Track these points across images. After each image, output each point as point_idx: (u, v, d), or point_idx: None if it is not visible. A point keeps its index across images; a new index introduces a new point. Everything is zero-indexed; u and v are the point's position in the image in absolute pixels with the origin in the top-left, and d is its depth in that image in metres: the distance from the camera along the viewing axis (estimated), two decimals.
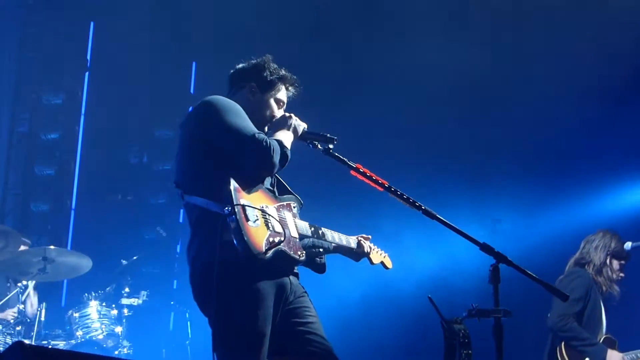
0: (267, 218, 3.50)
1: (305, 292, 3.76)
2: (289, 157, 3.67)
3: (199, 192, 3.57)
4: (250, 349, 3.43)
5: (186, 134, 3.73)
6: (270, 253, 3.39)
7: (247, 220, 3.37)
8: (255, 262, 3.35)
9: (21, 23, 8.89)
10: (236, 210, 3.34)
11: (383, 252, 4.38)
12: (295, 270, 3.74)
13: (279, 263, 3.51)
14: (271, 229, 3.48)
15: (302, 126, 3.85)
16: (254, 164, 3.60)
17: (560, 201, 8.38)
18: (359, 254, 4.18)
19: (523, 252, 7.54)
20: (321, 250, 3.95)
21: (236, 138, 3.57)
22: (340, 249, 4.09)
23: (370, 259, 4.26)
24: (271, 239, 3.44)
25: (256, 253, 3.33)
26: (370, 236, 4.26)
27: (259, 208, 3.50)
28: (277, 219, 3.57)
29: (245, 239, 3.31)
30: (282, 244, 3.47)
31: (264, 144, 3.55)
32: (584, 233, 6.43)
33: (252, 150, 3.55)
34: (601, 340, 5.95)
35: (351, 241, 4.13)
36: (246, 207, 3.40)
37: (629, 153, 8.16)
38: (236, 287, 3.42)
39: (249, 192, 3.53)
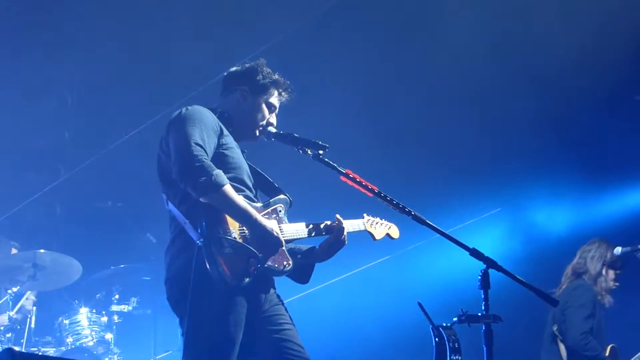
0: (245, 241, 3.40)
1: (281, 300, 3.73)
2: (215, 197, 3.35)
3: (177, 204, 3.53)
4: (219, 353, 3.38)
5: (162, 144, 3.67)
6: (248, 278, 3.32)
7: (222, 248, 3.29)
8: (235, 287, 3.30)
9: (11, 30, 8.85)
10: (210, 241, 3.28)
11: (388, 223, 4.22)
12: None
13: (259, 278, 3.44)
14: (249, 252, 3.36)
15: (268, 239, 3.45)
16: (176, 170, 3.43)
17: (559, 205, 8.39)
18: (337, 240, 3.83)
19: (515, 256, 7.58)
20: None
21: (179, 142, 3.46)
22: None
23: (372, 235, 4.11)
24: (249, 263, 3.33)
25: (233, 284, 3.27)
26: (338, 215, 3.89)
27: (238, 230, 3.40)
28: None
29: (220, 269, 3.24)
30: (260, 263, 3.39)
31: (199, 161, 3.34)
32: (578, 237, 6.46)
33: (184, 156, 3.39)
34: (608, 350, 5.98)
35: (360, 225, 4.03)
36: (221, 238, 3.32)
37: (628, 156, 8.14)
38: (209, 293, 3.34)
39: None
